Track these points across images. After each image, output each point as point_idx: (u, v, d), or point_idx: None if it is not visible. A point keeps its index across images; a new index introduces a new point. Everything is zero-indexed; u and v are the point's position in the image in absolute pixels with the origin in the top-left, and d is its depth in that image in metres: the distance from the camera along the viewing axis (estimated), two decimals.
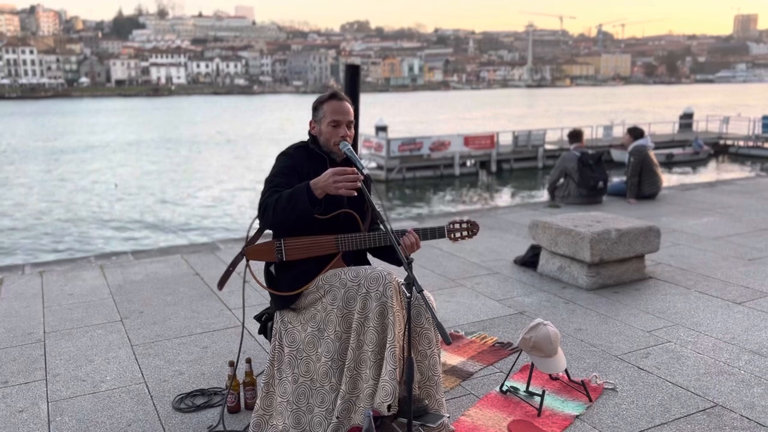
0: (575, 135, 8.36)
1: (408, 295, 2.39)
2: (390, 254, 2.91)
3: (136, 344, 3.85)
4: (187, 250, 6.11)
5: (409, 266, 2.42)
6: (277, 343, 2.80)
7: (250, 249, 2.72)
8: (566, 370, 3.11)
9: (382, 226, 2.61)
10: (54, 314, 4.38)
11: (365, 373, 2.57)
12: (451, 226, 2.86)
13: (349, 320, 2.61)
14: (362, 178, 2.56)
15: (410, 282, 2.40)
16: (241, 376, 3.19)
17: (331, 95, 2.79)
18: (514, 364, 3.25)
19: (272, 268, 2.76)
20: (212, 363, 3.56)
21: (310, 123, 2.85)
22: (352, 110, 2.80)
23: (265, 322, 2.94)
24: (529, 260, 5.28)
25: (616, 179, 8.85)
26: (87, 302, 4.61)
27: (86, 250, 13.42)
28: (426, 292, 2.61)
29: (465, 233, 2.88)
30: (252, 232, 2.81)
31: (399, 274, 4.75)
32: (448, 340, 2.22)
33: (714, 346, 3.67)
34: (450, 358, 3.50)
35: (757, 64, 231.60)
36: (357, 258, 2.89)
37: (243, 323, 2.83)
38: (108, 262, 5.71)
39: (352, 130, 2.80)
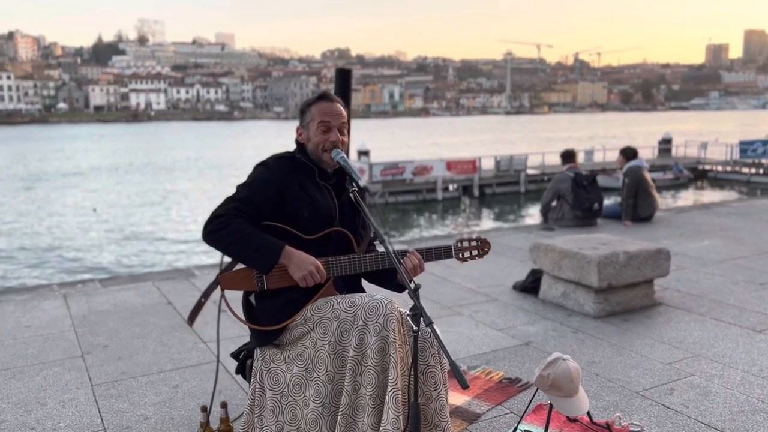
0: (568, 155, 8.08)
1: (415, 328, 2.02)
2: (388, 279, 2.53)
3: (96, 383, 3.40)
4: (160, 276, 5.67)
5: (415, 294, 2.04)
6: (257, 385, 2.39)
7: (225, 276, 2.32)
8: (588, 411, 2.73)
9: (381, 246, 2.24)
10: (6, 349, 3.91)
11: (362, 422, 2.16)
12: (459, 245, 2.50)
13: (344, 358, 2.22)
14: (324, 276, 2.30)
15: (417, 313, 2.02)
16: (215, 423, 2.76)
17: (321, 96, 2.42)
18: (529, 405, 2.86)
19: (252, 298, 2.37)
20: (183, 405, 3.12)
21: (297, 129, 2.48)
22: (345, 112, 2.43)
23: (243, 360, 2.53)
24: (530, 285, 4.92)
25: (610, 201, 8.56)
26: (45, 335, 4.15)
27: (54, 276, 12.76)
28: (434, 325, 2.23)
29: (475, 252, 2.51)
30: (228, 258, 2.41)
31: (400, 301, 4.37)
32: (465, 383, 1.84)
33: (743, 380, 3.32)
34: (453, 397, 3.10)
35: (729, 92, 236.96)
36: (349, 284, 2.51)
37: (218, 360, 2.42)
38: (73, 290, 5.24)
39: (346, 136, 2.43)
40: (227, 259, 2.43)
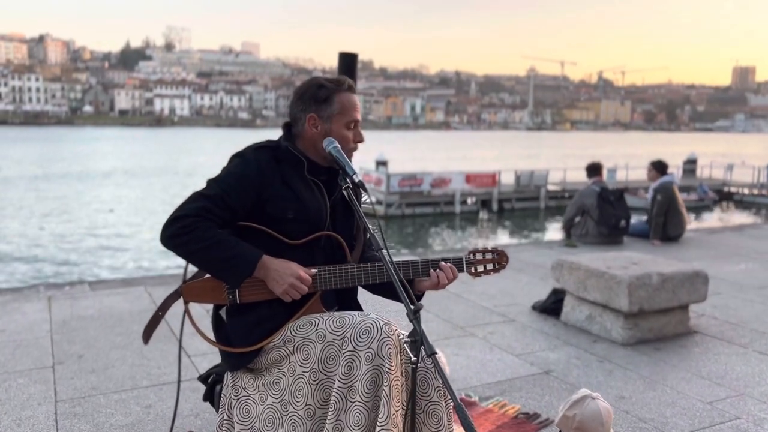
0: (594, 168, 7.63)
1: (413, 358, 1.63)
2: (395, 291, 2.11)
3: (61, 399, 3.03)
4: (153, 281, 5.32)
5: (415, 316, 1.65)
6: (225, 417, 2.01)
7: (189, 286, 1.95)
8: None
9: (378, 255, 1.85)
10: None
11: None
12: (471, 257, 2.10)
13: (327, 390, 1.83)
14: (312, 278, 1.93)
15: (417, 339, 1.63)
16: None
17: (346, 85, 2.00)
18: None
19: (222, 312, 1.99)
20: (152, 430, 2.75)
21: (309, 118, 1.99)
22: None
23: (212, 384, 2.15)
24: (551, 306, 4.49)
25: (635, 219, 8.06)
26: (18, 341, 3.80)
27: (49, 278, 12.39)
28: (439, 355, 1.83)
29: (490, 266, 2.11)
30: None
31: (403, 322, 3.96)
32: None
33: None
34: None
35: (756, 114, 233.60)
36: (341, 299, 2.12)
37: (179, 381, 2.05)
38: (59, 293, 4.90)
39: None
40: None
